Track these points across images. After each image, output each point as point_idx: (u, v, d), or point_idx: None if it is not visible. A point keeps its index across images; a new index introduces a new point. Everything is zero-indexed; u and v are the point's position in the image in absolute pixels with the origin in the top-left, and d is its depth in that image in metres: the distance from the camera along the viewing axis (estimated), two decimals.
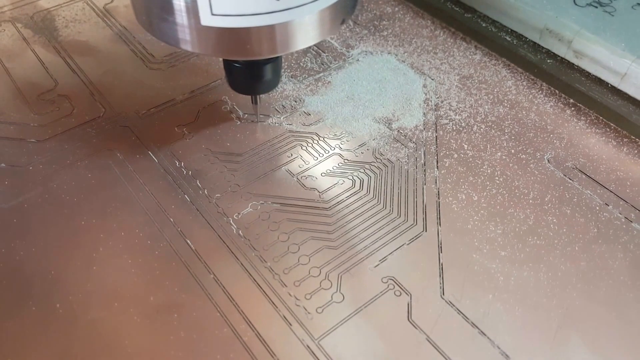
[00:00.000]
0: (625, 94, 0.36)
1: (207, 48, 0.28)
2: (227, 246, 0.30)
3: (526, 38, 0.40)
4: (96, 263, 0.29)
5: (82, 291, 0.28)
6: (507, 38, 0.41)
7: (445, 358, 0.26)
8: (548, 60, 0.39)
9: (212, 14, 0.25)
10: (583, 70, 0.38)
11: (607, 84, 0.36)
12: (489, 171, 0.33)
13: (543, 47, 0.39)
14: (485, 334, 0.27)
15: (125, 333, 0.27)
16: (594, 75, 0.37)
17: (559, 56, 0.39)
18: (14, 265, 0.29)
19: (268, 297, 0.28)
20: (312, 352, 0.26)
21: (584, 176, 0.33)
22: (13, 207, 0.31)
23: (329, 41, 0.42)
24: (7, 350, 0.26)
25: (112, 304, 0.28)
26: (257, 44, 0.27)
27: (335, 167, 0.33)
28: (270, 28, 0.27)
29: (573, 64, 0.38)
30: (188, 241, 0.30)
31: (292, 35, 0.28)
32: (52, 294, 0.28)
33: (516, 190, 0.32)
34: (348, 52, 0.41)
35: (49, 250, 0.29)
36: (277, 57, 0.33)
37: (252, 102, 0.35)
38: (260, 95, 0.35)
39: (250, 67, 0.32)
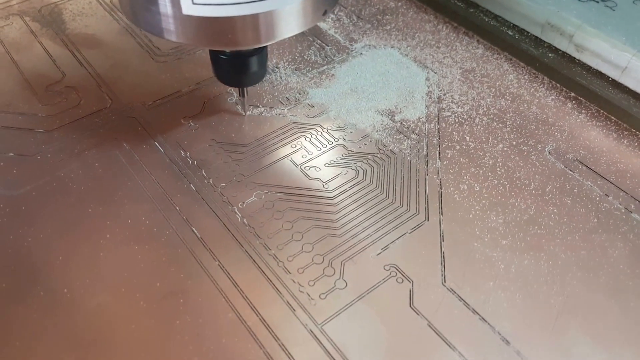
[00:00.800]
0: (626, 87, 0.36)
1: (190, 38, 0.28)
2: (232, 234, 0.30)
3: (528, 32, 0.41)
4: (103, 249, 0.29)
5: (89, 276, 0.28)
6: (509, 32, 0.41)
7: (446, 343, 0.26)
8: (549, 54, 0.39)
9: (193, 3, 0.26)
10: (584, 64, 0.38)
11: (608, 77, 0.37)
12: (490, 162, 0.34)
13: (545, 42, 0.40)
14: (486, 320, 0.27)
15: (131, 318, 0.27)
16: (594, 69, 0.38)
17: (560, 50, 0.39)
18: (23, 251, 0.29)
19: (272, 283, 0.28)
20: (315, 336, 0.26)
21: (584, 168, 0.33)
22: (22, 194, 0.32)
23: (332, 35, 0.43)
24: (15, 333, 0.26)
25: (118, 289, 0.28)
26: (239, 34, 0.28)
27: (338, 158, 0.34)
28: (252, 17, 0.27)
29: (574, 57, 0.38)
30: (193, 229, 0.30)
31: (273, 25, 0.28)
32: (59, 279, 0.28)
33: (517, 181, 0.33)
34: (351, 45, 0.42)
35: (57, 237, 0.30)
36: (262, 49, 0.33)
37: (239, 95, 0.36)
38: (247, 88, 0.36)
39: (236, 59, 0.33)
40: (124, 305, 0.27)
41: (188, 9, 0.26)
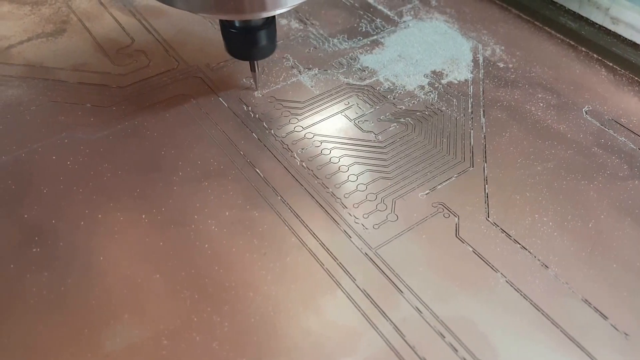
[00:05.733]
0: None
1: (197, 6, 0.30)
2: (292, 175, 0.33)
3: (566, 7, 0.43)
4: (176, 184, 0.33)
5: (164, 206, 0.32)
6: (550, 7, 0.44)
7: (490, 266, 0.29)
8: (586, 27, 0.42)
9: None
10: (619, 35, 0.41)
11: None
12: (530, 120, 0.36)
13: (582, 15, 0.42)
14: (526, 249, 0.30)
15: (205, 239, 0.30)
16: (629, 40, 0.40)
17: (597, 24, 0.42)
18: (103, 184, 0.33)
19: (330, 215, 0.31)
20: (371, 258, 0.29)
21: (618, 126, 0.36)
22: (99, 138, 0.35)
23: (382, 9, 0.46)
24: (99, 250, 0.30)
25: (191, 216, 0.31)
26: (246, 1, 0.30)
27: (389, 114, 0.37)
28: None
29: (610, 30, 0.41)
30: (257, 170, 0.33)
31: None
32: (137, 208, 0.32)
33: (556, 135, 0.35)
34: (400, 19, 0.45)
35: (134, 173, 0.33)
36: (271, 22, 0.35)
37: (251, 70, 0.38)
38: (257, 63, 0.38)
39: (245, 32, 0.35)
40: (198, 230, 0.31)
41: None
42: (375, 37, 0.43)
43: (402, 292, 0.28)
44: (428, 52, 0.41)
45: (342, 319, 0.27)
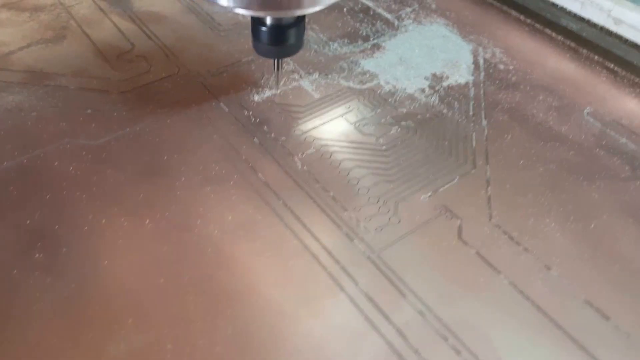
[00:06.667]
0: None
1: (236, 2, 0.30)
2: (294, 179, 0.33)
3: (567, 9, 0.43)
4: (179, 189, 0.33)
5: (168, 210, 0.32)
6: (552, 9, 0.44)
7: (492, 268, 0.29)
8: (588, 28, 0.42)
9: None
10: (621, 36, 0.41)
11: None
12: (532, 121, 0.36)
13: (584, 17, 0.42)
14: (529, 250, 0.30)
15: (208, 244, 0.30)
16: (631, 41, 0.40)
17: (599, 25, 0.42)
18: (106, 189, 0.33)
19: (332, 218, 0.31)
20: (373, 261, 0.29)
21: (620, 126, 0.36)
22: (102, 144, 0.35)
23: (381, 13, 0.46)
24: (102, 255, 0.30)
25: (194, 221, 0.31)
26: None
27: (390, 117, 0.37)
28: None
29: (611, 30, 0.41)
30: (259, 174, 0.33)
31: None
32: (141, 213, 0.32)
33: (558, 136, 0.35)
34: (400, 22, 0.45)
35: (137, 177, 0.33)
36: (300, 21, 0.35)
37: (274, 68, 0.38)
38: (282, 63, 0.38)
39: (273, 30, 0.35)
40: (201, 235, 0.31)
41: None
42: (375, 41, 0.43)
43: (404, 295, 0.28)
44: (428, 56, 0.42)
45: (344, 322, 0.27)
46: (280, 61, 0.38)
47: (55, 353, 0.26)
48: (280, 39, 0.35)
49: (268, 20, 0.34)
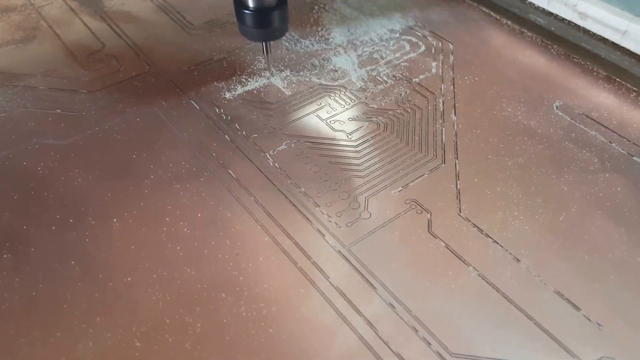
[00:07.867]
0: (627, 49, 0.39)
1: None
2: (265, 175, 0.33)
3: (535, 4, 0.44)
4: (147, 187, 0.32)
5: (136, 208, 0.31)
6: (519, 5, 0.44)
7: (461, 260, 0.29)
8: (556, 23, 0.42)
9: None
10: (588, 30, 0.41)
11: (610, 41, 0.40)
12: (502, 116, 0.37)
13: (551, 12, 0.43)
14: (498, 243, 0.30)
15: (177, 241, 0.30)
16: (598, 35, 0.41)
17: (566, 19, 0.42)
18: (74, 189, 0.33)
19: (303, 214, 0.31)
20: (344, 255, 0.29)
21: (589, 120, 0.36)
22: (70, 143, 0.35)
23: (353, 11, 0.46)
24: (71, 255, 0.30)
25: (163, 219, 0.31)
26: None
27: (361, 113, 0.37)
28: None
29: (579, 25, 0.41)
30: (230, 171, 0.33)
31: None
32: (109, 212, 0.32)
33: (527, 131, 0.36)
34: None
35: (105, 177, 0.33)
36: (283, 3, 0.36)
37: (263, 52, 0.40)
38: (270, 46, 0.39)
39: (259, 13, 0.36)
40: (169, 232, 0.31)
41: None
42: (348, 38, 0.43)
43: (375, 288, 0.28)
44: (401, 53, 0.41)
45: (316, 316, 0.27)
46: (269, 44, 0.39)
47: (24, 352, 0.25)
48: (266, 21, 0.36)
49: (250, 3, 0.35)
